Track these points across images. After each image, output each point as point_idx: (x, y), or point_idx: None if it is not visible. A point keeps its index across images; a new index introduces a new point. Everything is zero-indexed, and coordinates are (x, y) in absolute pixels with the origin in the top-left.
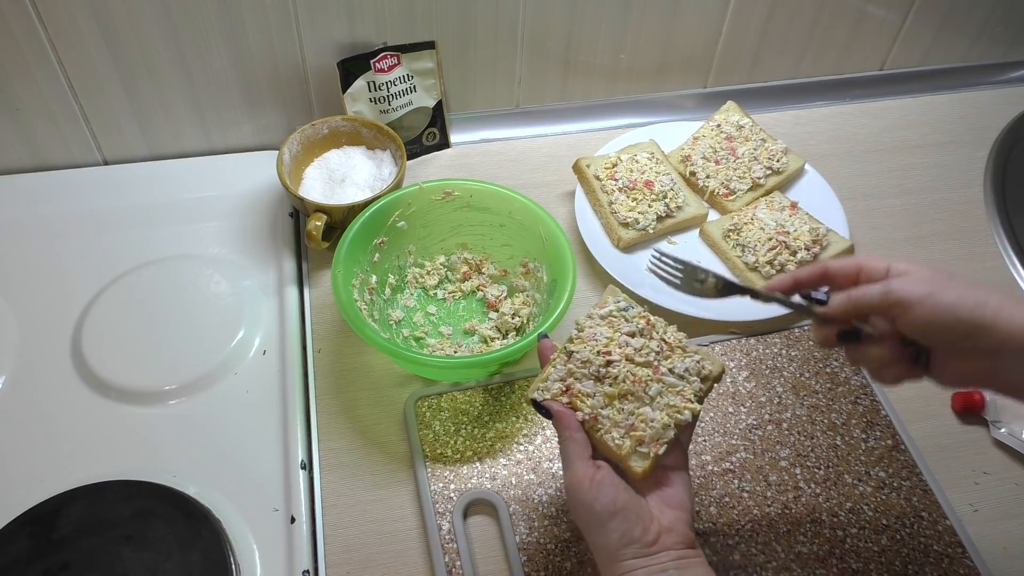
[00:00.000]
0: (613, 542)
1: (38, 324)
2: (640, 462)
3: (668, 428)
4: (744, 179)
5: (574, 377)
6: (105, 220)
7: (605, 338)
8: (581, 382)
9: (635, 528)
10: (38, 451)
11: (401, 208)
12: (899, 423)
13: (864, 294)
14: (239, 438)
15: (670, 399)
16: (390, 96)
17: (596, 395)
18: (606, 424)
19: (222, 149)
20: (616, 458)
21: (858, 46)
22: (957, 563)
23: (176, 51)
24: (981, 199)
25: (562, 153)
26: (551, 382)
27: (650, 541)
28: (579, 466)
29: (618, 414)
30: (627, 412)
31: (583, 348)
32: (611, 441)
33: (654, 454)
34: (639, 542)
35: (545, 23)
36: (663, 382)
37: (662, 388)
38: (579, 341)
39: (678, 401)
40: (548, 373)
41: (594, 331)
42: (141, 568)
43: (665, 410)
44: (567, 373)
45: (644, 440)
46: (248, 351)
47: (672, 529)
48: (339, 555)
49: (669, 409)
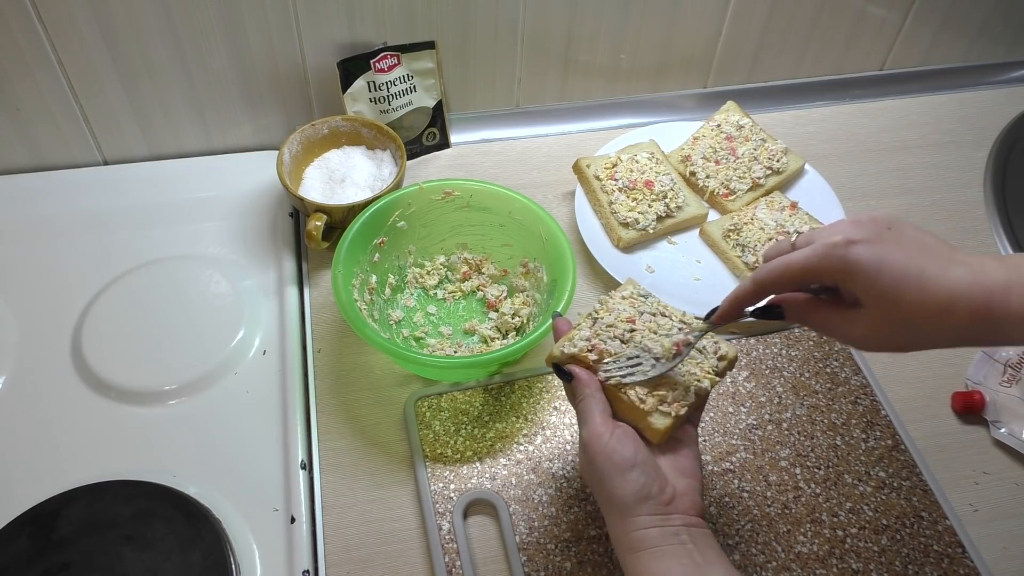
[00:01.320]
0: (630, 494)
1: (38, 324)
2: (661, 419)
3: (689, 392)
4: (744, 179)
5: (600, 338)
6: (105, 220)
7: (628, 312)
8: (607, 343)
9: (653, 484)
10: (38, 451)
11: (401, 208)
12: (899, 423)
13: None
14: (239, 438)
15: (690, 367)
16: (390, 96)
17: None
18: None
19: (222, 149)
20: (638, 416)
21: (858, 46)
22: (957, 563)
23: (176, 51)
24: (981, 199)
25: (562, 153)
26: (577, 340)
27: (666, 500)
28: (599, 420)
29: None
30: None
31: (608, 315)
32: (636, 396)
33: (675, 414)
34: (655, 499)
35: (545, 23)
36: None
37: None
38: (604, 310)
39: (698, 371)
40: (573, 334)
41: (617, 304)
42: (141, 568)
43: (687, 376)
44: (592, 334)
45: (667, 400)
46: (248, 351)
47: (685, 495)
48: (339, 555)
49: (690, 376)
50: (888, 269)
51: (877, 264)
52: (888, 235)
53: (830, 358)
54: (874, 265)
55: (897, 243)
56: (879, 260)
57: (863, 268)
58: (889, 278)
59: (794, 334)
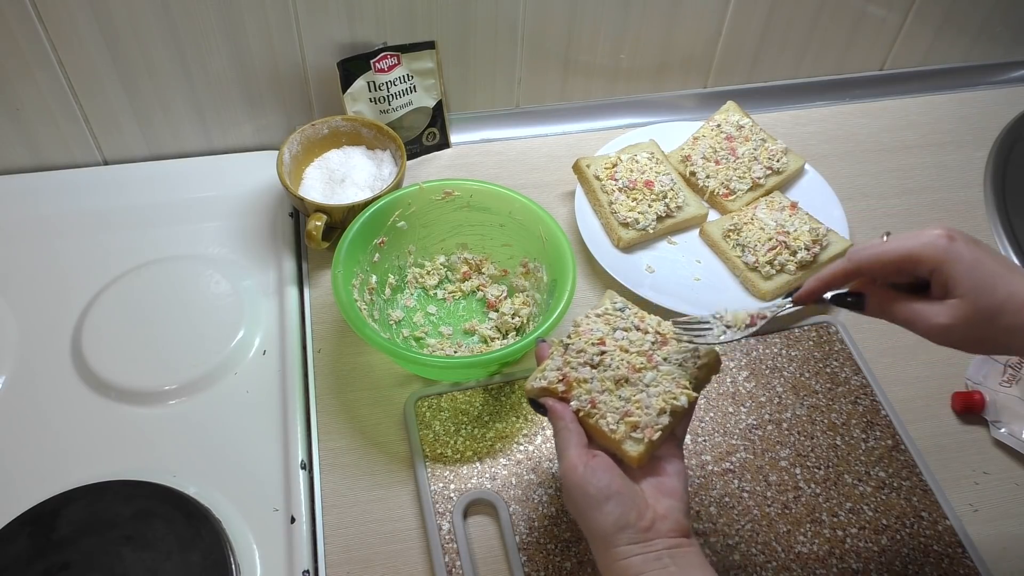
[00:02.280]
0: (608, 525)
1: (38, 324)
2: (634, 447)
3: (663, 414)
4: (744, 179)
5: (570, 366)
6: (105, 220)
7: (600, 332)
8: (577, 370)
9: (630, 512)
10: (38, 451)
11: (401, 208)
12: (899, 423)
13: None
14: (239, 438)
15: (665, 386)
16: (390, 96)
17: (593, 380)
18: (601, 410)
19: (222, 149)
20: (612, 444)
21: (858, 46)
22: (957, 563)
23: (176, 51)
24: (981, 199)
25: (562, 153)
26: (548, 371)
27: (645, 527)
28: (573, 452)
29: (616, 400)
30: (623, 399)
31: (578, 339)
32: (606, 426)
33: (648, 440)
34: (634, 527)
35: (545, 23)
36: (658, 370)
37: (657, 376)
38: (575, 335)
39: (673, 387)
40: (545, 365)
41: (590, 326)
42: (141, 568)
43: (660, 396)
44: (564, 363)
45: (639, 425)
46: (248, 351)
47: (667, 516)
48: (339, 555)
49: (665, 395)
50: (986, 264)
51: (976, 257)
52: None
53: (830, 358)
54: (974, 257)
55: (990, 251)
56: (978, 255)
57: (964, 258)
58: (987, 271)
59: (794, 334)
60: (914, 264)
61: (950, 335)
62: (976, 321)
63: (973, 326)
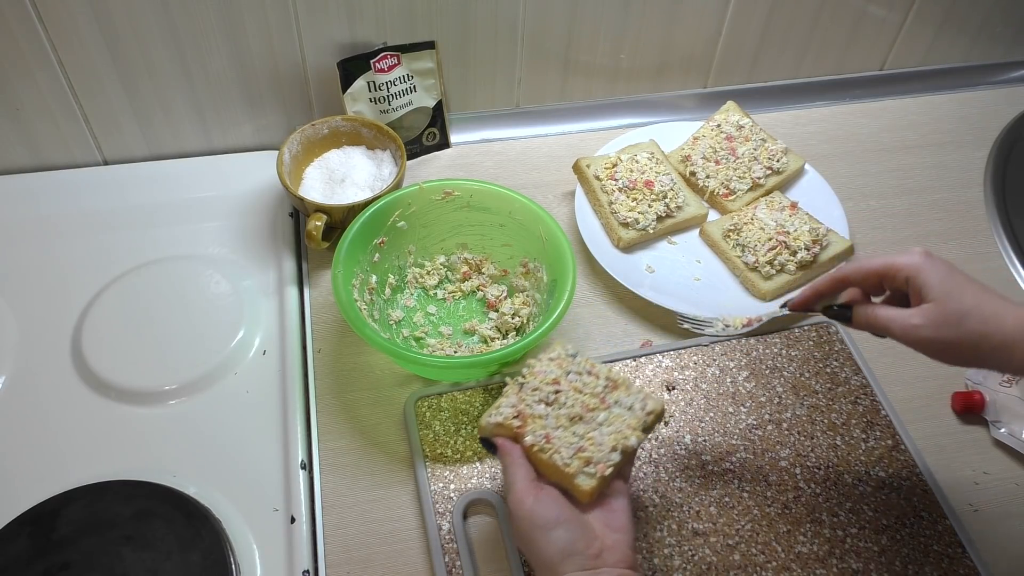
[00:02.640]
0: (556, 552)
1: (38, 324)
2: (587, 481)
3: (615, 451)
4: (744, 179)
5: (525, 403)
6: (105, 220)
7: (554, 374)
8: (532, 407)
9: (578, 540)
10: (38, 451)
11: (401, 208)
12: (899, 423)
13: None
14: (239, 438)
15: (616, 426)
16: (390, 96)
17: (548, 417)
18: (555, 445)
19: (222, 149)
20: (564, 479)
21: (858, 46)
22: (957, 563)
23: (176, 51)
24: (981, 199)
25: (562, 153)
26: (503, 408)
27: (593, 555)
28: (522, 485)
29: (570, 436)
30: (578, 435)
31: (533, 379)
32: (560, 460)
33: (601, 475)
34: (582, 554)
35: (545, 23)
36: (610, 411)
37: (609, 416)
38: (530, 375)
39: (624, 428)
40: (500, 403)
41: (544, 368)
42: (141, 568)
43: (612, 434)
44: (519, 400)
45: (592, 460)
46: (248, 351)
47: (615, 548)
48: (339, 555)
49: (616, 434)
50: (957, 276)
51: (949, 269)
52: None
53: (830, 358)
54: (946, 269)
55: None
56: (951, 268)
57: (937, 268)
58: (957, 281)
59: (794, 334)
60: (894, 272)
61: (920, 333)
62: (944, 323)
63: (942, 327)
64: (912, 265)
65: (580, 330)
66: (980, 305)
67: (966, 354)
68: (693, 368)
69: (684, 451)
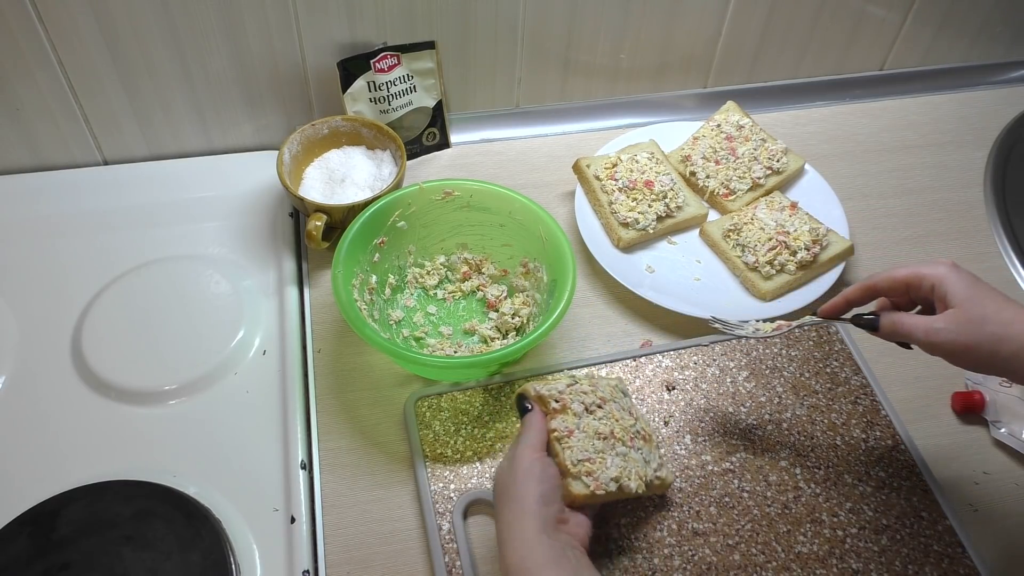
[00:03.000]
0: (536, 496)
1: (38, 324)
2: (580, 487)
3: (614, 481)
4: (744, 179)
5: (570, 397)
6: (105, 220)
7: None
8: (574, 403)
9: (556, 502)
10: (38, 451)
11: (401, 208)
12: (899, 423)
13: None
14: (239, 438)
15: (628, 465)
16: (390, 96)
17: (581, 418)
18: (572, 443)
19: (222, 149)
20: (564, 473)
21: (858, 46)
22: (957, 563)
23: (176, 51)
24: (981, 199)
25: (562, 153)
26: (553, 387)
27: (562, 519)
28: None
29: (588, 446)
30: (595, 449)
31: (586, 383)
32: (568, 458)
33: (592, 490)
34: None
35: (545, 23)
36: (629, 451)
37: (627, 453)
38: (586, 380)
39: (632, 470)
40: (552, 383)
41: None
42: (141, 568)
43: (620, 468)
44: (567, 390)
45: (593, 474)
46: (248, 351)
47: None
48: (339, 555)
49: (623, 470)
50: (981, 285)
51: (973, 279)
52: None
53: (830, 358)
54: (971, 279)
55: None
56: (975, 278)
57: (962, 277)
58: (981, 289)
59: (794, 334)
60: (920, 280)
61: (940, 336)
62: (965, 327)
63: (962, 331)
64: (937, 274)
65: (580, 330)
66: (1000, 311)
67: (984, 359)
68: (693, 368)
69: (684, 451)
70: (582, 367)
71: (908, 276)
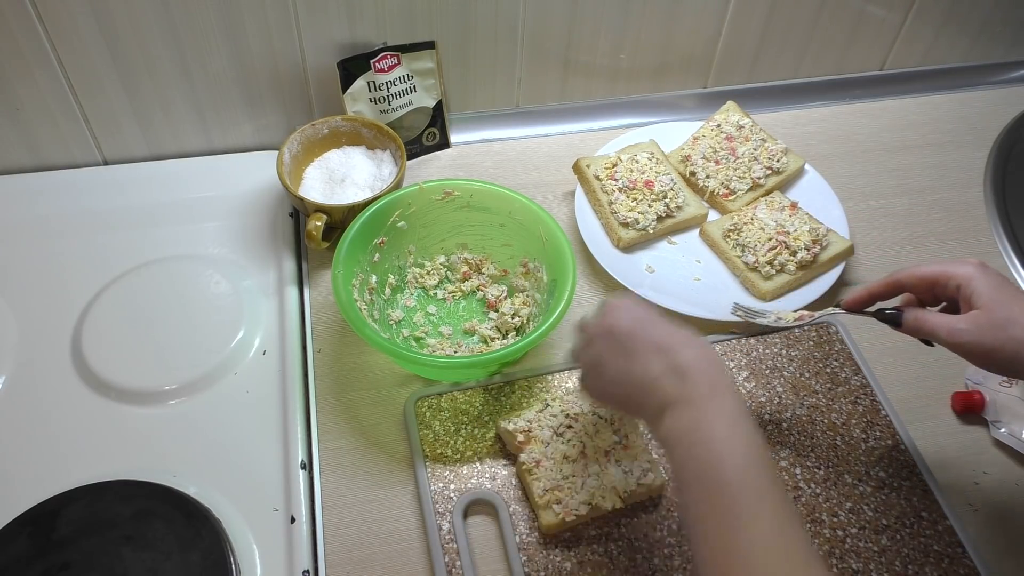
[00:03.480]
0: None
1: (38, 324)
2: (550, 517)
3: (586, 504)
4: (744, 179)
5: (538, 424)
6: (105, 220)
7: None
8: (541, 431)
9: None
10: (38, 451)
11: (401, 208)
12: (899, 423)
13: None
14: (239, 438)
15: (601, 484)
16: (390, 96)
17: (549, 445)
18: (539, 473)
19: (222, 149)
20: (533, 504)
21: (858, 46)
22: (957, 563)
23: (176, 51)
24: (981, 199)
25: (562, 153)
26: (520, 420)
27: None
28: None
29: (555, 473)
30: (562, 475)
31: (558, 404)
32: (536, 488)
33: (563, 518)
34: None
35: (545, 23)
36: (604, 469)
37: (600, 472)
38: (557, 401)
39: (607, 489)
40: (522, 413)
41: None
42: (141, 568)
43: (591, 491)
44: (536, 418)
45: (562, 501)
46: (248, 351)
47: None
48: (339, 555)
49: (594, 491)
50: (1007, 287)
51: (1000, 280)
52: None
53: (830, 358)
54: (998, 280)
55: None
56: (1002, 279)
57: (989, 277)
58: (1007, 291)
59: (794, 334)
60: (946, 279)
61: (964, 337)
62: (988, 329)
63: (985, 333)
64: (964, 274)
65: None
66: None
67: (1006, 362)
68: None
69: None
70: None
71: (935, 274)
